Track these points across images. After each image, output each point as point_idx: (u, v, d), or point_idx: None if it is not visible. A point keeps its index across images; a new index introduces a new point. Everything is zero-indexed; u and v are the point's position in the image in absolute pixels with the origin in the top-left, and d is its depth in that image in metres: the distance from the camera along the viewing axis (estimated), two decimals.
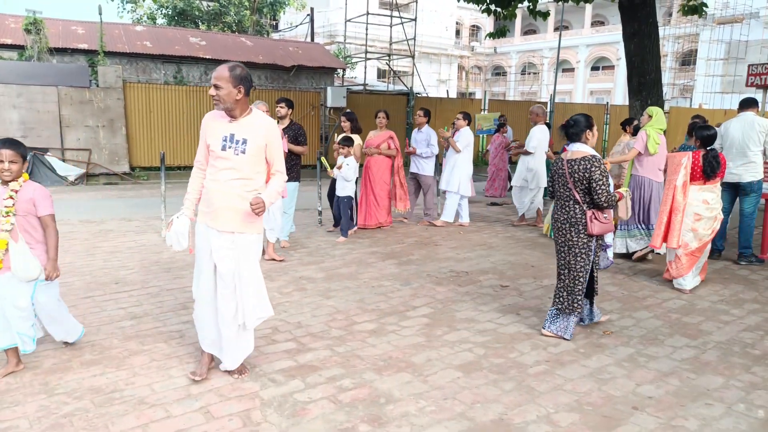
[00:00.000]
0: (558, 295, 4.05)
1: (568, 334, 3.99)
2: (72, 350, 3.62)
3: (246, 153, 3.11)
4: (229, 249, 3.16)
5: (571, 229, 3.94)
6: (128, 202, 9.68)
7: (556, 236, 4.07)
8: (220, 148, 3.11)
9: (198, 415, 2.90)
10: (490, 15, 11.08)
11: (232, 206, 3.13)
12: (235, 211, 3.14)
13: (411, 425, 2.85)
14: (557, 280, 4.09)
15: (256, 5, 25.79)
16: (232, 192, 3.12)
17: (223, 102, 3.08)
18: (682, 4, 10.66)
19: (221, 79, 3.05)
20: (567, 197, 3.96)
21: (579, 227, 3.90)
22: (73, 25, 15.19)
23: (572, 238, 3.94)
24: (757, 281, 5.66)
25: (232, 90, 3.06)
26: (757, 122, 6.14)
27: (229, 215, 3.14)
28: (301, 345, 3.82)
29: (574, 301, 3.98)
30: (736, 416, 3.03)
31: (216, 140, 3.13)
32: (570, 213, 3.94)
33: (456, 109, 16.64)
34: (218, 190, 3.13)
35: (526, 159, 8.12)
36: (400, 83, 22.89)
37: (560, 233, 4.02)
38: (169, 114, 13.35)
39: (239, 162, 3.11)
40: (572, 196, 3.92)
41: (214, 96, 3.08)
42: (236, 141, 3.11)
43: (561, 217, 4.00)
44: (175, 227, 3.22)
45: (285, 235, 6.57)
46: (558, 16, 37.66)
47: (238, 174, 3.13)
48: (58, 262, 3.33)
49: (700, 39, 32.45)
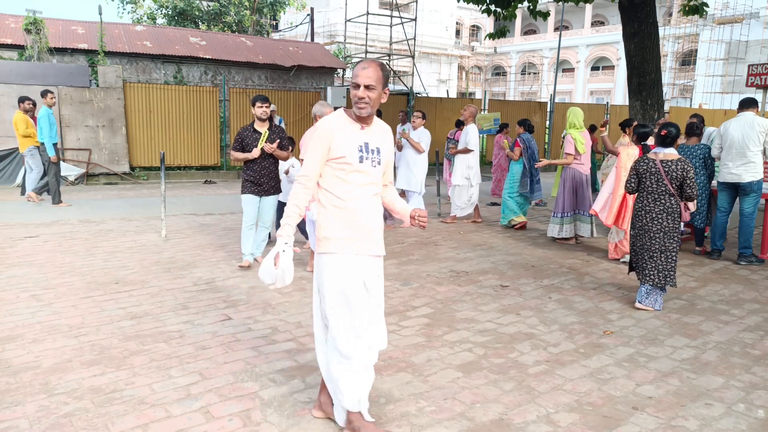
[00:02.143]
0: (650, 275, 4.73)
1: (658, 305, 4.73)
2: (72, 350, 3.62)
3: (381, 164, 2.73)
4: (378, 276, 2.81)
5: (668, 218, 4.70)
6: (128, 202, 9.68)
7: (650, 225, 4.75)
8: (358, 160, 2.64)
9: (198, 415, 2.90)
10: (490, 15, 11.07)
11: (379, 226, 2.77)
12: (380, 231, 2.79)
13: (411, 425, 2.86)
14: (648, 262, 4.75)
15: (256, 5, 25.80)
16: (377, 210, 2.76)
17: (371, 106, 2.63)
18: (683, 4, 10.66)
19: (374, 79, 2.60)
20: (662, 192, 4.71)
21: (675, 215, 4.70)
22: (73, 25, 15.19)
23: (668, 225, 4.70)
24: (757, 281, 5.66)
25: (381, 92, 2.66)
26: (756, 122, 6.14)
27: (379, 236, 2.77)
28: (301, 345, 3.82)
29: (667, 277, 4.71)
30: (736, 416, 3.03)
31: (352, 151, 2.64)
32: (666, 204, 4.71)
33: (456, 109, 16.65)
34: (366, 209, 2.69)
35: (466, 157, 8.21)
36: (400, 83, 22.90)
37: (656, 222, 4.73)
38: (169, 114, 13.35)
39: (376, 175, 2.72)
40: (668, 191, 4.69)
41: (363, 98, 2.61)
42: (371, 151, 2.69)
43: (656, 209, 4.73)
44: (284, 264, 2.60)
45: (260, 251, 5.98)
46: (558, 16, 37.70)
47: (376, 189, 2.74)
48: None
49: (700, 39, 32.46)
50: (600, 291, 5.24)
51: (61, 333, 3.90)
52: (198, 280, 5.22)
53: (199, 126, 13.61)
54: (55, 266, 5.53)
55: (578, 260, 6.36)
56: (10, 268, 5.46)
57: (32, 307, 4.39)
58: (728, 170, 6.26)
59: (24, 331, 3.91)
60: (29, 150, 9.26)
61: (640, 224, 4.82)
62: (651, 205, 4.75)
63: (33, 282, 5.02)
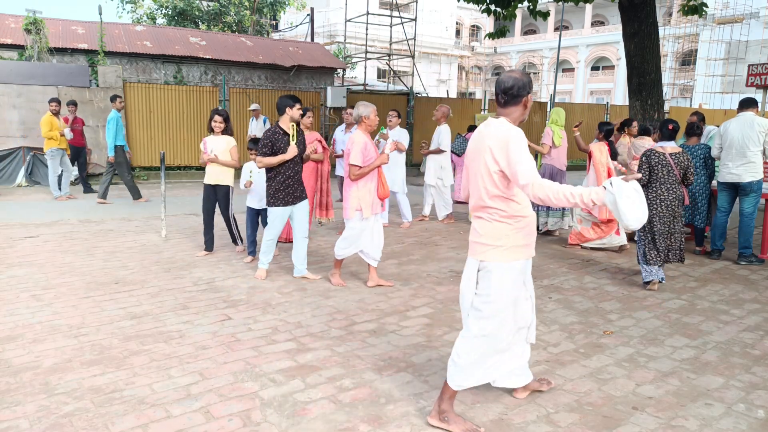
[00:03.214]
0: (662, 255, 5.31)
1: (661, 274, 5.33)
2: (72, 350, 3.62)
3: None
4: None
5: (679, 204, 5.35)
6: (128, 201, 9.68)
7: (665, 212, 5.30)
8: None
9: (198, 415, 2.90)
10: (490, 15, 11.08)
11: None
12: None
13: (411, 425, 2.85)
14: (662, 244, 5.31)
15: (256, 5, 25.80)
16: None
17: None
18: (682, 4, 10.66)
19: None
20: (674, 181, 5.29)
21: (681, 201, 5.38)
22: (73, 25, 15.19)
23: (679, 210, 5.38)
24: (757, 281, 5.66)
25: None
26: (756, 122, 6.14)
27: None
28: (301, 345, 3.82)
29: (679, 254, 5.42)
30: (736, 416, 3.03)
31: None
32: (677, 192, 5.31)
33: (456, 109, 16.64)
34: (533, 221, 2.86)
35: (439, 158, 8.23)
36: (400, 83, 22.90)
37: (669, 209, 5.31)
38: (169, 114, 13.35)
39: None
40: (677, 180, 5.30)
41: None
42: None
43: (670, 197, 5.29)
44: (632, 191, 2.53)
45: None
46: (558, 16, 37.69)
47: None
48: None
49: (700, 39, 32.45)
50: (600, 291, 5.24)
51: (61, 333, 3.90)
52: (198, 280, 5.22)
53: (199, 126, 13.60)
54: (55, 266, 5.53)
55: (578, 260, 6.36)
56: (10, 268, 5.46)
57: (32, 307, 4.39)
58: (728, 170, 6.26)
59: (24, 331, 3.91)
60: (50, 151, 9.59)
61: (655, 212, 5.29)
62: (665, 194, 5.29)
63: (33, 282, 5.02)
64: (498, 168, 2.68)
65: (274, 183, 5.14)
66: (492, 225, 2.76)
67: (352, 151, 4.89)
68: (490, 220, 2.77)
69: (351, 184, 4.99)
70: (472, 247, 2.88)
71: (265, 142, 5.05)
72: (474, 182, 2.84)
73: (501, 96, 2.80)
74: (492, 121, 2.81)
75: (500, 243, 2.74)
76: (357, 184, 4.97)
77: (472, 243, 2.89)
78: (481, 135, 2.81)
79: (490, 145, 2.70)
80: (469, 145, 2.95)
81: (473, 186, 2.86)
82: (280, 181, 5.12)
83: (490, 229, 2.77)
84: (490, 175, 2.71)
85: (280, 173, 5.11)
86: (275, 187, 5.14)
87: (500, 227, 2.75)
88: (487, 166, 2.72)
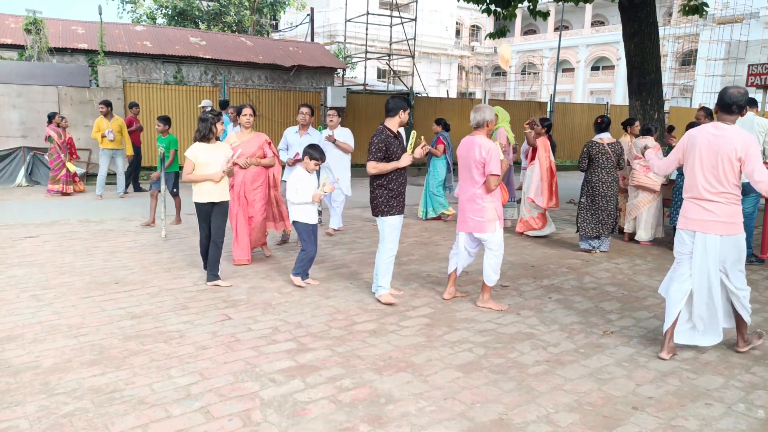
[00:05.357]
0: (609, 227, 6.56)
1: (607, 246, 6.72)
2: (72, 350, 3.62)
3: None
4: None
5: (616, 185, 6.57)
6: (128, 202, 9.68)
7: (606, 191, 6.48)
8: None
9: (198, 415, 2.90)
10: (490, 15, 11.09)
11: None
12: None
13: (411, 425, 2.86)
14: (607, 219, 6.52)
15: (256, 5, 25.80)
16: None
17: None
18: (683, 4, 10.66)
19: None
20: (611, 167, 6.49)
21: (617, 182, 6.64)
22: (73, 25, 15.19)
23: (616, 189, 6.59)
24: (757, 281, 5.66)
25: None
26: (756, 122, 6.14)
27: None
28: (301, 345, 3.82)
29: (615, 225, 6.68)
30: (736, 416, 3.03)
31: None
32: (614, 176, 6.55)
33: (456, 109, 16.66)
34: None
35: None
36: (400, 83, 22.91)
37: (611, 189, 6.51)
38: (169, 114, 13.29)
39: None
40: (614, 165, 6.51)
41: None
42: None
43: (609, 179, 6.49)
44: None
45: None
46: (558, 16, 37.70)
47: None
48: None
49: (700, 39, 32.45)
50: (600, 291, 5.24)
51: (61, 333, 3.90)
52: (198, 280, 5.22)
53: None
54: (55, 266, 5.53)
55: (578, 260, 6.36)
56: (10, 268, 5.46)
57: (32, 307, 4.39)
58: None
59: (24, 331, 3.91)
60: (99, 151, 10.10)
61: (597, 192, 6.49)
62: (605, 177, 6.50)
63: (33, 282, 5.02)
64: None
65: (385, 191, 4.62)
66: (730, 207, 3.65)
67: (492, 161, 4.47)
68: (728, 203, 3.62)
69: (487, 196, 4.61)
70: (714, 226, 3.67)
71: (380, 146, 4.52)
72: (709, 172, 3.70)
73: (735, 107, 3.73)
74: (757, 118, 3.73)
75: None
76: (493, 195, 4.62)
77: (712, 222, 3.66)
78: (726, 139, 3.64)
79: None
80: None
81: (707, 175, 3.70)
82: (393, 189, 4.63)
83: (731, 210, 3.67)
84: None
85: (393, 180, 4.61)
86: (388, 195, 4.63)
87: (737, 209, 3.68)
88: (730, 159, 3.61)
